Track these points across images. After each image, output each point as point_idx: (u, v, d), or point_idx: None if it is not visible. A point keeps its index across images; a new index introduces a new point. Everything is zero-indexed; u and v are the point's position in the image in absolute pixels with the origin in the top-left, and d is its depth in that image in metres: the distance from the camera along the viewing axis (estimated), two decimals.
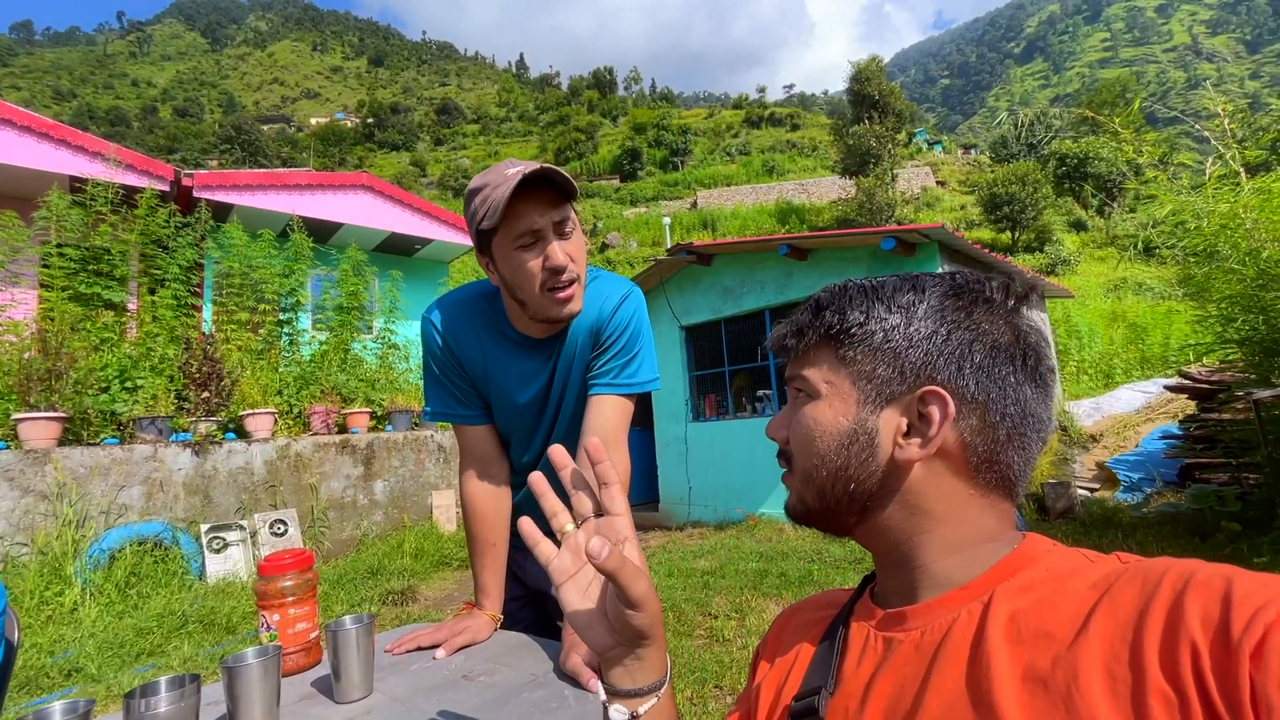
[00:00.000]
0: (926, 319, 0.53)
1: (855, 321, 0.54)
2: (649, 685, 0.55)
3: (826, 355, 0.56)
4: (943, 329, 0.52)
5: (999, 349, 0.52)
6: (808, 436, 0.55)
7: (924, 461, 0.51)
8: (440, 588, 4.95)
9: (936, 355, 0.52)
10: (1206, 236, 3.97)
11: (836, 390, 0.55)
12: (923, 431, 0.51)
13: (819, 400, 0.55)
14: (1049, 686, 0.40)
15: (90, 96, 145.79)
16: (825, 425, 0.54)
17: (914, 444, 0.51)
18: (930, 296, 0.54)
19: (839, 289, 0.58)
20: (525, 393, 1.13)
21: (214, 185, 7.85)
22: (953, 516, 0.52)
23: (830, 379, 0.55)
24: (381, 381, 6.99)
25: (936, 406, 0.50)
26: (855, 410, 0.53)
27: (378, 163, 69.77)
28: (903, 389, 0.52)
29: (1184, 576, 0.39)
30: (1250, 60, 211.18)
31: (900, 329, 0.53)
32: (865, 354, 0.54)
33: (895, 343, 0.53)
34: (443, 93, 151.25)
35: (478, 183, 0.98)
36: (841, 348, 0.55)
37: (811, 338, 0.57)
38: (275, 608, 0.99)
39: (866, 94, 28.97)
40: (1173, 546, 4.02)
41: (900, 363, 0.52)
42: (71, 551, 4.24)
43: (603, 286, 1.11)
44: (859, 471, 0.53)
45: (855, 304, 0.56)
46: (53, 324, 5.08)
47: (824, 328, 0.56)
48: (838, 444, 0.54)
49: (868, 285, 0.57)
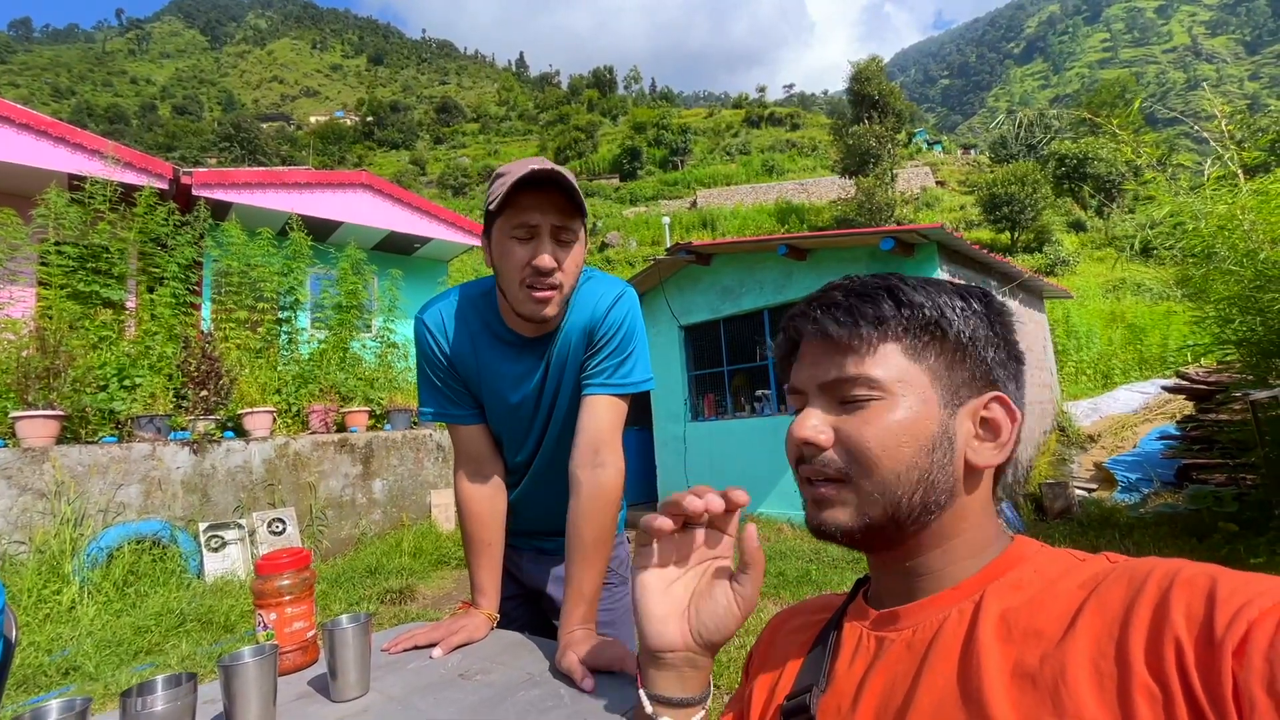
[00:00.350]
0: (981, 324, 0.53)
1: (933, 317, 0.52)
2: (698, 696, 0.54)
3: (893, 351, 0.52)
4: (993, 337, 0.53)
5: (1019, 363, 0.55)
6: (890, 443, 0.50)
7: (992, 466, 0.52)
8: (439, 586, 4.95)
9: (996, 361, 0.52)
10: (1205, 237, 3.97)
11: (913, 390, 0.51)
12: (989, 436, 0.52)
13: (894, 401, 0.50)
14: (1037, 683, 0.40)
15: (89, 94, 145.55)
16: (912, 429, 0.50)
17: (986, 448, 0.51)
18: (976, 304, 0.54)
19: (895, 279, 0.54)
20: (517, 393, 1.14)
21: (213, 183, 7.84)
22: (978, 522, 0.53)
23: (904, 378, 0.51)
24: (380, 380, 6.98)
25: (1002, 410, 0.51)
26: (938, 413, 0.51)
27: (377, 161, 69.72)
28: (972, 392, 0.52)
29: (1170, 575, 0.40)
30: (1250, 61, 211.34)
31: (966, 331, 0.52)
32: (938, 352, 0.52)
33: (964, 344, 0.52)
34: (442, 91, 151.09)
35: (503, 169, 1.01)
36: (915, 343, 0.52)
37: (891, 329, 0.52)
38: (272, 606, 0.99)
39: (866, 94, 28.97)
40: (1169, 547, 4.03)
41: (973, 365, 0.52)
42: (69, 550, 4.24)
43: (596, 287, 1.11)
44: (939, 479, 0.50)
45: (926, 296, 0.52)
46: (51, 322, 5.07)
47: (905, 318, 0.52)
48: (924, 450, 0.50)
49: (921, 280, 0.54)
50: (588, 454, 1.05)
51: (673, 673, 0.53)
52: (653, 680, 0.53)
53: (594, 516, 1.03)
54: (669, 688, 0.53)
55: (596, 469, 1.04)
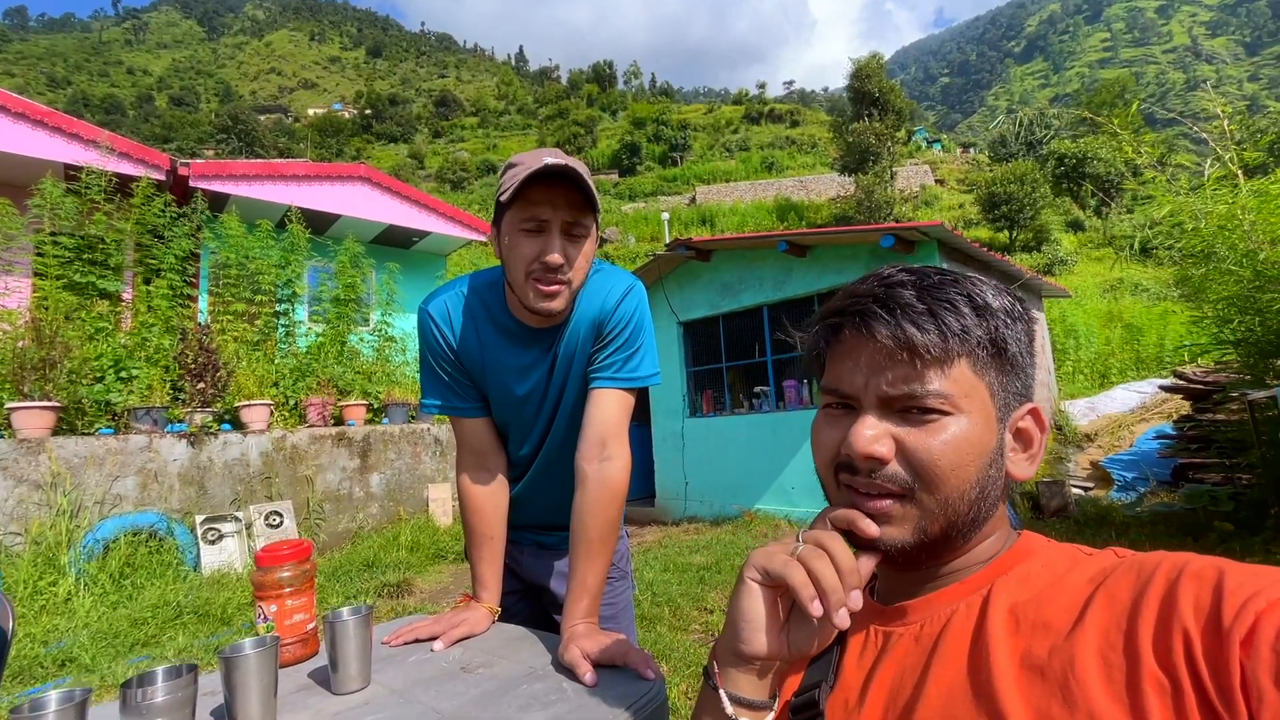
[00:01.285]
0: (1026, 334, 0.53)
1: (999, 330, 0.50)
2: (770, 699, 0.53)
3: (964, 364, 0.49)
4: (1027, 342, 0.53)
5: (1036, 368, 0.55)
6: (958, 461, 0.48)
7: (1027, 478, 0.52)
8: (436, 580, 4.95)
9: (1032, 369, 0.53)
10: (1204, 237, 3.98)
11: (977, 405, 0.49)
12: (1021, 448, 0.52)
13: (961, 417, 0.49)
14: (1046, 674, 0.41)
15: (85, 84, 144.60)
16: (978, 446, 0.49)
17: (1022, 458, 0.52)
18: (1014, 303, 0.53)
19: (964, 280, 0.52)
20: (523, 384, 1.13)
21: (210, 175, 7.79)
22: (996, 524, 0.54)
23: (970, 393, 0.49)
24: (378, 374, 6.97)
25: (1033, 421, 0.52)
26: (996, 428, 0.50)
27: (375, 154, 69.44)
28: (1018, 404, 0.52)
29: (1177, 567, 0.40)
30: (1249, 62, 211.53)
31: (1018, 341, 0.51)
32: (996, 365, 0.50)
33: (1017, 357, 0.51)
34: (441, 85, 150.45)
35: (516, 159, 1.00)
36: (981, 357, 0.50)
37: (970, 341, 0.49)
38: (273, 599, 0.99)
39: (866, 91, 28.92)
40: (1165, 545, 4.03)
41: (1023, 378, 0.52)
42: (65, 542, 4.23)
43: (606, 279, 1.11)
44: (992, 492, 0.51)
45: (998, 305, 0.51)
46: (47, 313, 5.05)
47: (983, 331, 0.49)
48: (985, 467, 0.49)
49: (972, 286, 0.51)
50: (595, 447, 1.04)
51: (754, 676, 0.52)
52: (735, 681, 0.52)
53: (600, 511, 1.02)
54: (750, 690, 0.52)
55: (603, 463, 1.03)
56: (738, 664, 0.51)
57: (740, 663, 0.51)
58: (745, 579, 0.51)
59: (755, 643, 0.50)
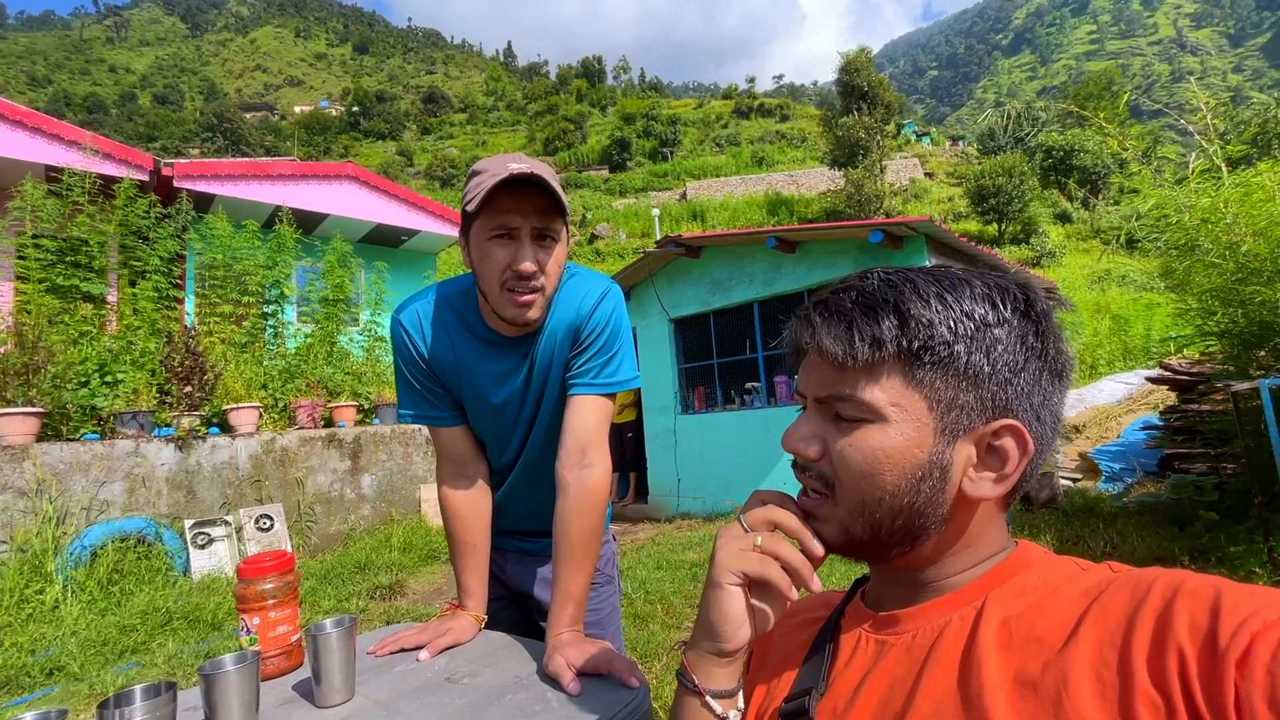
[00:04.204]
0: (1008, 340, 0.48)
1: (942, 340, 0.47)
2: (738, 685, 0.56)
3: (895, 372, 0.48)
4: (1020, 356, 0.48)
5: (1057, 378, 0.50)
6: (872, 469, 0.48)
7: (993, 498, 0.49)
8: (429, 582, 4.94)
9: (1017, 385, 0.48)
10: (1188, 230, 4.00)
11: (908, 416, 0.48)
12: (994, 466, 0.49)
13: (885, 426, 0.48)
14: (1039, 691, 0.40)
15: (66, 83, 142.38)
16: (897, 457, 0.48)
17: (985, 479, 0.49)
18: (1010, 315, 0.49)
19: (908, 287, 0.49)
20: (500, 393, 1.12)
21: (195, 175, 7.70)
22: (981, 536, 0.52)
23: (899, 401, 0.48)
24: (368, 375, 6.93)
25: (1013, 440, 0.48)
26: (931, 442, 0.48)
27: (363, 152, 68.90)
28: (980, 419, 0.48)
29: (1173, 585, 0.40)
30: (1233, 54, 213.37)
31: (985, 353, 0.47)
32: (945, 377, 0.47)
33: (980, 369, 0.47)
34: (429, 81, 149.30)
35: (479, 166, 0.99)
36: (918, 367, 0.48)
37: (890, 351, 0.48)
38: (255, 611, 0.98)
39: (855, 85, 28.95)
40: (1152, 535, 4.09)
41: (982, 392, 0.48)
42: (52, 548, 4.18)
43: (581, 284, 1.10)
44: (927, 507, 0.49)
45: (940, 315, 0.47)
46: (29, 317, 4.98)
47: (908, 342, 0.47)
48: (910, 479, 0.48)
49: (944, 291, 0.48)
50: (575, 454, 1.04)
51: (731, 667, 0.55)
52: (716, 678, 0.54)
53: (582, 518, 1.02)
54: (727, 681, 0.55)
55: (584, 469, 1.03)
56: (720, 663, 0.54)
57: (722, 660, 0.54)
58: (723, 585, 0.52)
59: (738, 639, 0.53)
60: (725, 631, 0.53)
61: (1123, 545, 4.01)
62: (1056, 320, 0.51)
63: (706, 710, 0.54)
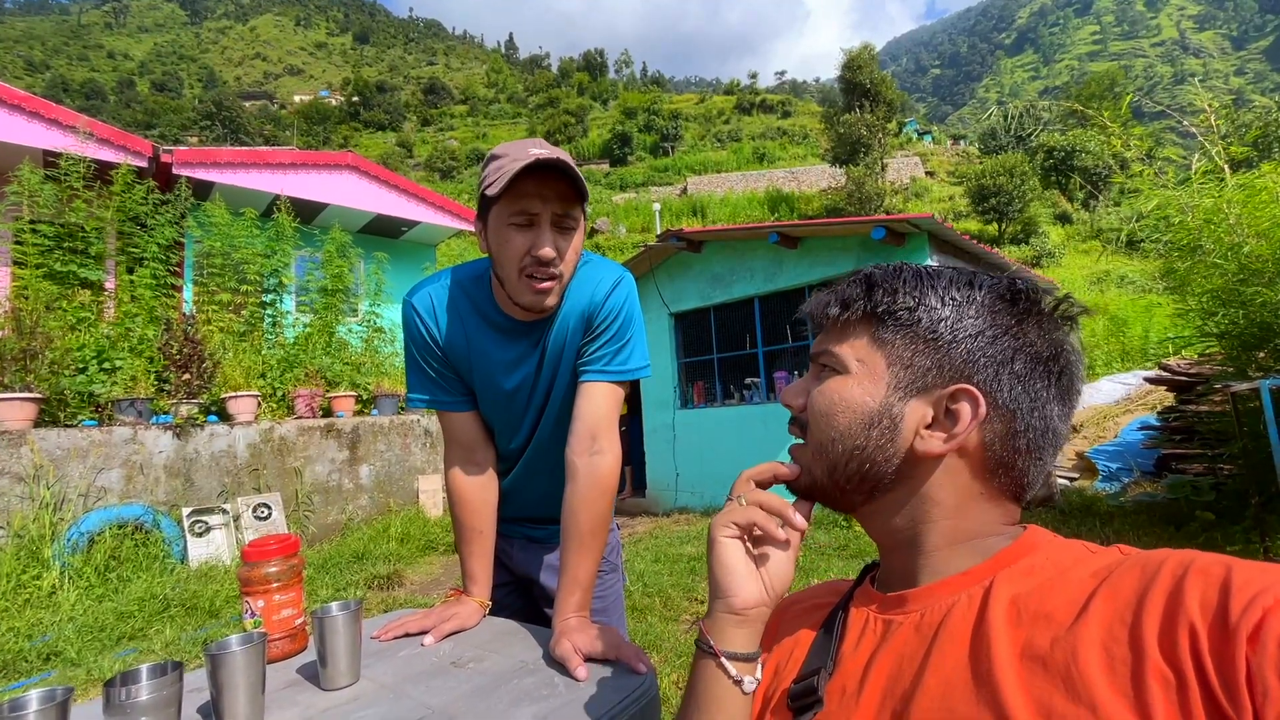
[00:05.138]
0: (977, 316, 0.53)
1: (904, 306, 0.54)
2: (758, 650, 0.57)
3: (864, 333, 0.56)
4: (989, 330, 0.52)
5: (1039, 361, 0.52)
6: (829, 410, 0.55)
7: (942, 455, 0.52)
8: (426, 572, 4.94)
9: (979, 355, 0.52)
10: (1190, 231, 4.01)
11: (868, 370, 0.54)
12: (947, 427, 0.52)
13: (847, 376, 0.55)
14: (1048, 665, 0.41)
15: (64, 68, 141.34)
16: (850, 402, 0.54)
17: (936, 437, 0.52)
18: (984, 295, 0.54)
19: (893, 269, 0.56)
20: (511, 379, 1.11)
21: (194, 162, 7.65)
22: (961, 510, 0.53)
23: (863, 357, 0.55)
24: (367, 365, 6.91)
25: (968, 405, 0.51)
26: (884, 393, 0.53)
27: (363, 143, 68.61)
28: (938, 382, 0.52)
29: (1184, 563, 0.40)
30: (1235, 56, 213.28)
31: (948, 322, 0.53)
32: (906, 340, 0.54)
33: (940, 335, 0.53)
34: (430, 72, 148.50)
35: (499, 150, 0.98)
36: (883, 329, 0.55)
37: (856, 312, 0.56)
38: (260, 594, 0.97)
39: (858, 82, 28.90)
40: (1148, 535, 4.11)
41: (941, 356, 0.52)
42: (49, 535, 4.17)
43: (594, 271, 1.09)
44: (876, 454, 0.53)
45: (908, 288, 0.55)
46: (27, 303, 4.95)
47: (871, 305, 0.55)
48: (860, 423, 0.53)
49: (922, 272, 0.56)
50: (585, 441, 1.03)
51: (748, 629, 0.56)
52: (732, 639, 0.55)
53: (591, 504, 1.02)
54: (744, 644, 0.56)
55: (594, 456, 1.03)
56: (736, 622, 0.55)
57: (737, 620, 0.55)
58: (719, 539, 0.56)
59: (745, 591, 0.55)
60: (731, 583, 0.55)
61: (1119, 544, 4.03)
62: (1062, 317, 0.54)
63: (722, 672, 0.54)
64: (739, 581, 0.55)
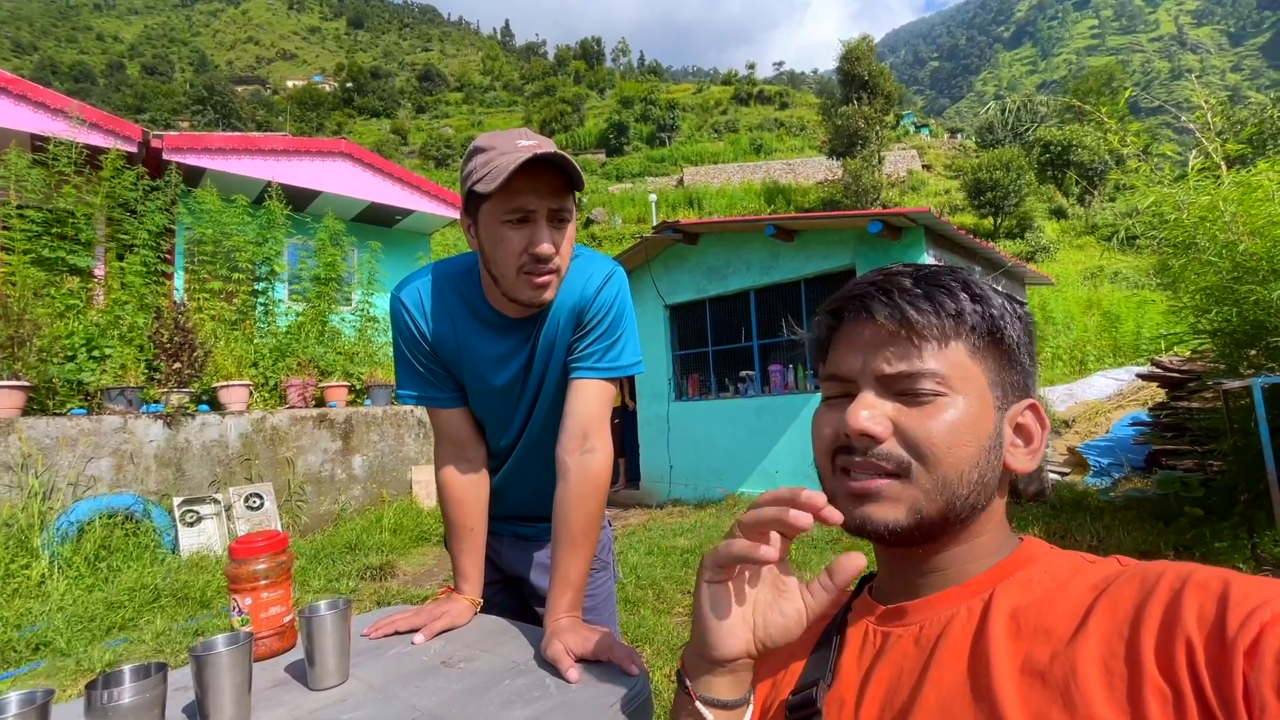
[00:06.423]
0: (1028, 334, 0.54)
1: (1001, 317, 0.51)
2: (745, 696, 0.53)
3: (961, 348, 0.51)
4: (1031, 344, 0.54)
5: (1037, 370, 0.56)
6: (954, 441, 0.49)
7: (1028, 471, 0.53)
8: (419, 563, 4.94)
9: (1032, 373, 0.54)
10: (1185, 228, 4.01)
11: (974, 389, 0.50)
12: (1021, 443, 0.53)
13: (957, 398, 0.49)
14: (1047, 680, 0.40)
15: (52, 50, 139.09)
16: (975, 430, 0.49)
17: (1022, 452, 0.52)
18: (1016, 305, 0.54)
19: (960, 274, 0.53)
20: (501, 375, 1.09)
21: (185, 148, 7.55)
22: (999, 522, 0.54)
23: (967, 376, 0.50)
24: (360, 355, 6.87)
25: (1035, 419, 0.52)
26: (993, 413, 0.51)
27: (357, 129, 67.96)
28: (1014, 397, 0.52)
29: (1182, 577, 0.40)
30: (1232, 53, 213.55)
31: (1016, 337, 0.52)
32: (998, 355, 0.52)
33: (1016, 350, 0.52)
34: (425, 58, 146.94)
35: (484, 143, 0.94)
36: (981, 344, 0.51)
37: (966, 324, 0.51)
38: (247, 591, 0.96)
39: (856, 74, 28.75)
40: (1138, 530, 4.14)
41: (1021, 370, 0.53)
42: (38, 524, 4.14)
43: (585, 265, 1.07)
44: (990, 479, 0.51)
45: (995, 298, 0.52)
46: (14, 289, 4.88)
47: (981, 316, 0.51)
48: (983, 451, 0.50)
49: (970, 277, 0.53)
50: (576, 439, 1.02)
51: (730, 677, 0.52)
52: (709, 685, 0.52)
53: (582, 503, 1.00)
54: (725, 691, 0.52)
55: (585, 454, 1.01)
56: (713, 670, 0.51)
57: (714, 669, 0.51)
58: (701, 584, 0.51)
59: (725, 647, 0.50)
60: (710, 636, 0.50)
61: (1109, 539, 4.06)
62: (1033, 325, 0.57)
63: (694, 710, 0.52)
64: (721, 636, 0.50)
